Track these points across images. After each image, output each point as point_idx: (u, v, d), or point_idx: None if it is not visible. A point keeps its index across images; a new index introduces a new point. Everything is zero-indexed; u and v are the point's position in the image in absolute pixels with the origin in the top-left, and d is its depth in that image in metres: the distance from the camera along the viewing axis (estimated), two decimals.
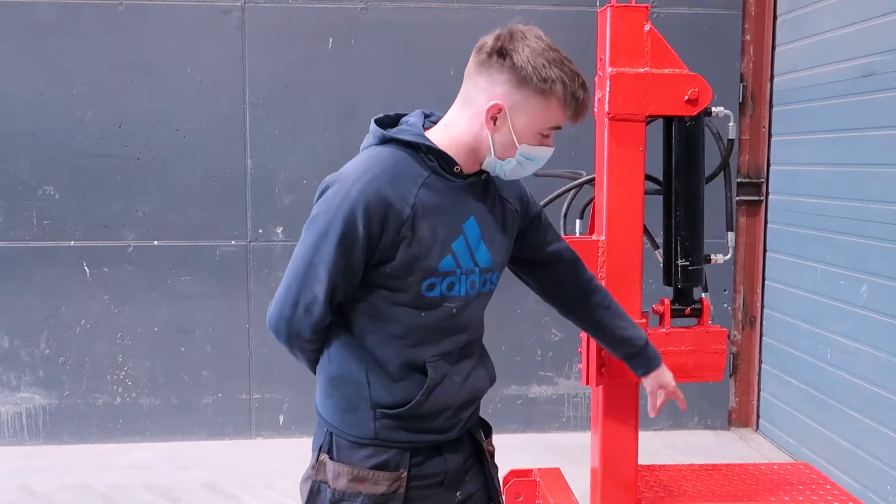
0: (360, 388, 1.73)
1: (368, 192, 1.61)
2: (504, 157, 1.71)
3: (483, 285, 1.80)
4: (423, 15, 4.56)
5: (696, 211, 2.00)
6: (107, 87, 4.47)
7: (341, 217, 1.62)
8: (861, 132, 3.79)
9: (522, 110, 1.66)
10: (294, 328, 1.73)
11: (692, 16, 4.65)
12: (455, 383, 1.76)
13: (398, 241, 1.63)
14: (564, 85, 1.65)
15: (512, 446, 4.59)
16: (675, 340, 2.01)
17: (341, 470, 1.74)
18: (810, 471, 2.32)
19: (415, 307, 1.69)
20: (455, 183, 1.71)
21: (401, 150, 1.71)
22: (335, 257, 1.63)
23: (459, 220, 1.72)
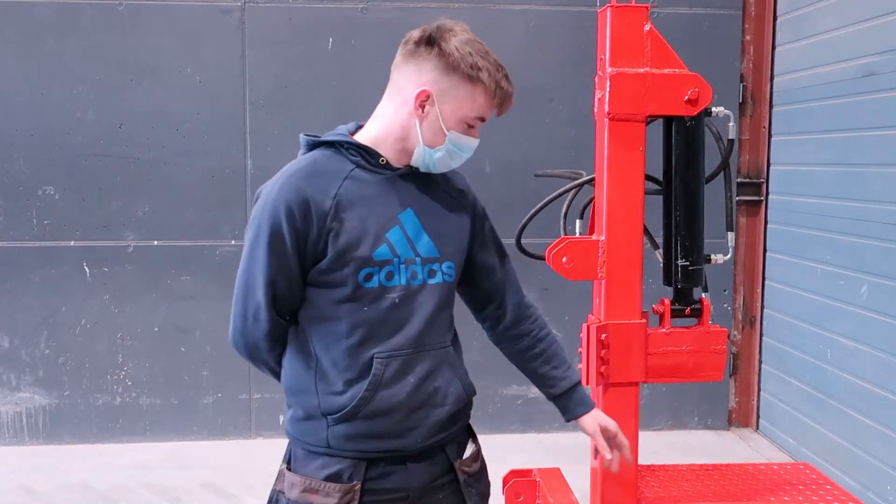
0: (311, 395, 1.73)
1: (287, 190, 1.66)
2: (433, 145, 1.72)
3: (430, 276, 1.76)
4: (423, 15, 4.55)
5: (696, 211, 2.00)
6: (107, 87, 4.47)
7: (267, 219, 1.66)
8: (861, 132, 3.79)
9: (450, 97, 1.69)
10: (249, 339, 1.75)
11: (692, 16, 4.65)
12: (408, 383, 1.72)
13: (325, 233, 1.66)
14: (490, 73, 1.68)
15: (512, 446, 4.61)
16: (675, 340, 2.01)
17: (295, 480, 1.74)
18: (810, 471, 2.32)
19: (355, 300, 1.69)
20: (383, 175, 1.74)
21: (324, 151, 1.75)
22: (268, 260, 1.67)
23: (394, 211, 1.73)
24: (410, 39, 1.75)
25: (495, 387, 4.80)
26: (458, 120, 1.71)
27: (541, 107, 4.67)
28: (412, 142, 1.73)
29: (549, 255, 1.97)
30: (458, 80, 1.68)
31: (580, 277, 1.98)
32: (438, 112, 1.70)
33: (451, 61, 1.68)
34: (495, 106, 1.73)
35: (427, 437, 1.76)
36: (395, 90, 1.75)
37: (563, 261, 1.96)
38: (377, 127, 1.77)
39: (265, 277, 1.68)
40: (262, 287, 1.68)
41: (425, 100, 1.69)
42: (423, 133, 1.72)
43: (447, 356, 1.80)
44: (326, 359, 1.72)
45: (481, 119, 1.75)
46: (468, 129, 1.74)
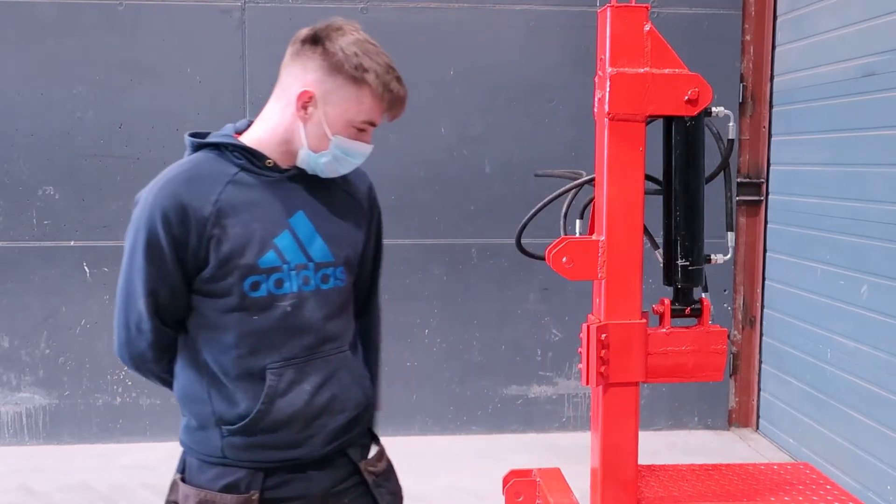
0: (204, 404, 1.67)
1: (163, 196, 1.59)
2: (318, 149, 1.64)
3: (324, 281, 1.70)
4: (423, 15, 4.56)
5: (696, 211, 2.00)
6: (107, 87, 4.47)
7: (143, 228, 1.60)
8: (861, 132, 3.79)
9: (335, 99, 1.61)
10: (134, 350, 1.70)
11: (692, 16, 4.65)
12: (304, 392, 1.66)
13: (205, 241, 1.59)
14: (377, 75, 1.61)
15: (512, 446, 4.61)
16: (675, 340, 2.01)
17: (189, 492, 1.67)
18: (810, 471, 2.31)
19: (243, 310, 1.62)
20: (271, 178, 1.66)
21: (207, 154, 1.67)
22: (147, 268, 1.61)
23: (283, 215, 1.66)
24: (298, 38, 1.66)
25: (495, 387, 4.81)
26: (343, 124, 1.63)
27: (541, 107, 4.67)
28: (296, 144, 1.66)
29: (548, 255, 1.97)
30: (342, 81, 1.60)
31: (580, 277, 1.98)
32: (322, 114, 1.62)
33: (336, 61, 1.60)
34: (385, 109, 1.65)
35: (326, 444, 1.72)
36: (281, 90, 1.67)
37: (563, 261, 1.96)
38: (263, 128, 1.69)
39: (145, 287, 1.62)
40: (143, 297, 1.63)
41: (308, 101, 1.61)
42: (307, 136, 1.64)
43: (345, 361, 1.75)
44: (217, 368, 1.66)
45: (371, 123, 1.66)
46: (358, 133, 1.66)
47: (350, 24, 1.67)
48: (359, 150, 1.68)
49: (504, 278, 4.74)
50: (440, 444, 4.62)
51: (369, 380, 1.83)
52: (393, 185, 4.64)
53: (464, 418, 4.80)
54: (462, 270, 4.73)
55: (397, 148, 4.60)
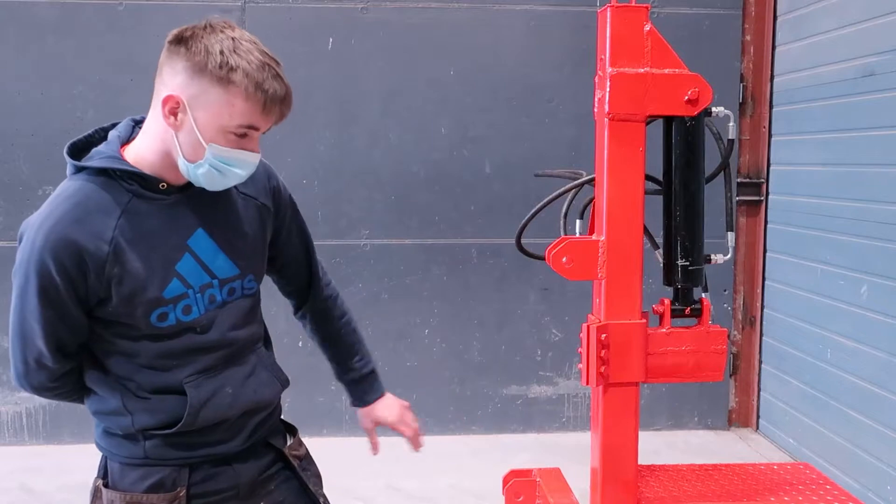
0: (123, 417, 1.63)
1: (53, 239, 1.47)
2: (193, 159, 1.50)
3: (230, 294, 1.66)
4: (423, 15, 4.56)
5: (696, 211, 2.00)
6: (107, 87, 4.47)
7: (34, 271, 1.49)
8: (861, 132, 3.79)
9: (202, 103, 1.47)
10: (36, 382, 1.63)
11: (692, 16, 4.65)
12: (226, 395, 1.65)
13: (106, 281, 1.51)
14: (247, 74, 1.46)
15: (512, 446, 4.61)
16: (675, 340, 2.01)
17: (114, 497, 1.64)
18: (810, 471, 2.31)
19: (153, 339, 1.58)
20: (166, 200, 1.56)
21: (93, 179, 1.54)
22: (42, 311, 1.52)
23: (182, 238, 1.57)
24: (168, 37, 1.56)
25: (495, 387, 4.81)
26: (217, 129, 1.49)
27: (541, 107, 4.67)
28: (174, 156, 1.53)
29: (548, 255, 1.97)
30: (207, 82, 1.47)
31: (580, 277, 1.98)
32: (192, 121, 1.48)
33: (198, 61, 1.47)
34: (260, 111, 1.49)
35: (249, 438, 1.72)
36: (155, 97, 1.55)
37: (563, 261, 1.96)
38: (145, 142, 1.57)
39: (43, 329, 1.54)
40: (42, 338, 1.54)
41: (175, 107, 1.49)
42: (181, 146, 1.50)
43: (259, 358, 1.75)
44: (133, 386, 1.62)
45: (251, 127, 1.51)
46: (238, 140, 1.51)
47: (225, 22, 1.55)
48: (241, 157, 1.53)
49: (504, 278, 4.74)
50: (440, 444, 4.62)
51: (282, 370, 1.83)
52: (393, 185, 4.64)
53: (464, 418, 4.80)
54: (462, 270, 4.73)
55: (397, 148, 4.60)
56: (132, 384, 1.62)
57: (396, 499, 3.83)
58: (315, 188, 4.58)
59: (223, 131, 1.49)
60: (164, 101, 1.49)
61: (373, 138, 4.55)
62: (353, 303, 5.25)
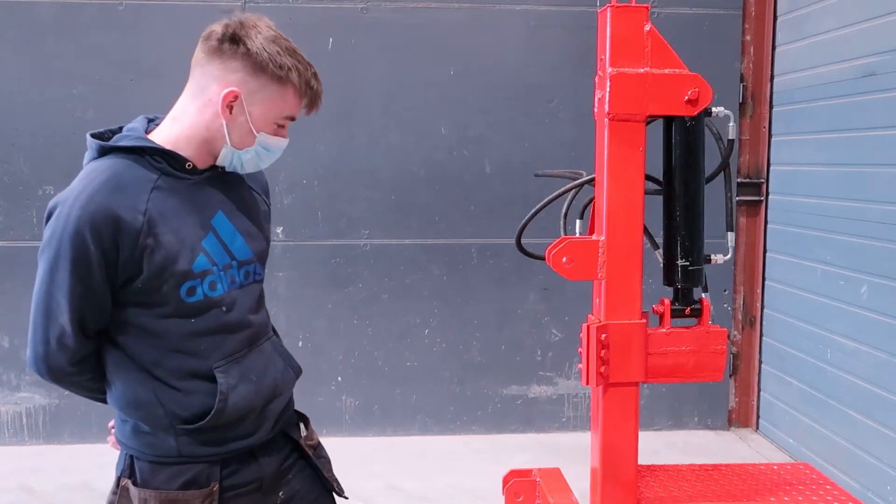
0: (154, 408, 1.65)
1: (92, 209, 1.53)
2: (242, 146, 1.66)
3: (245, 278, 1.74)
4: (423, 15, 4.56)
5: (696, 211, 2.00)
6: (107, 87, 4.47)
7: (69, 242, 1.53)
8: (861, 132, 3.79)
9: (259, 98, 1.63)
10: (53, 365, 1.65)
11: (692, 16, 4.65)
12: (252, 382, 1.71)
13: (139, 252, 1.56)
14: (300, 73, 1.65)
15: (512, 446, 4.61)
16: (675, 340, 2.01)
17: (148, 496, 1.67)
18: (810, 471, 2.31)
19: (181, 316, 1.62)
20: (191, 180, 1.66)
21: (123, 159, 1.61)
22: (72, 284, 1.55)
23: (206, 217, 1.67)
24: (213, 35, 1.65)
25: (495, 387, 4.81)
26: (267, 121, 1.66)
27: (541, 107, 4.67)
28: (218, 143, 1.65)
29: (548, 255, 1.97)
30: (266, 80, 1.62)
31: (580, 277, 1.98)
32: (248, 113, 1.63)
33: (259, 61, 1.61)
34: (305, 105, 1.69)
35: (272, 428, 1.79)
36: (199, 89, 1.65)
37: (563, 261, 1.96)
38: (179, 128, 1.67)
39: (70, 303, 1.57)
40: (68, 313, 1.58)
41: (233, 101, 1.62)
42: (230, 135, 1.64)
43: (274, 345, 1.83)
44: (161, 373, 1.64)
45: (291, 118, 1.71)
46: (277, 129, 1.70)
47: (262, 19, 1.71)
48: (279, 144, 1.72)
49: (504, 278, 4.74)
50: (440, 444, 4.62)
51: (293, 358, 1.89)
52: (393, 185, 4.64)
53: (464, 418, 4.80)
54: (462, 270, 4.73)
55: (397, 148, 4.60)
56: (160, 371, 1.64)
57: (396, 499, 3.83)
58: (315, 188, 4.58)
59: (271, 122, 1.67)
60: (224, 97, 1.60)
61: (373, 138, 4.55)
62: (354, 303, 5.27)
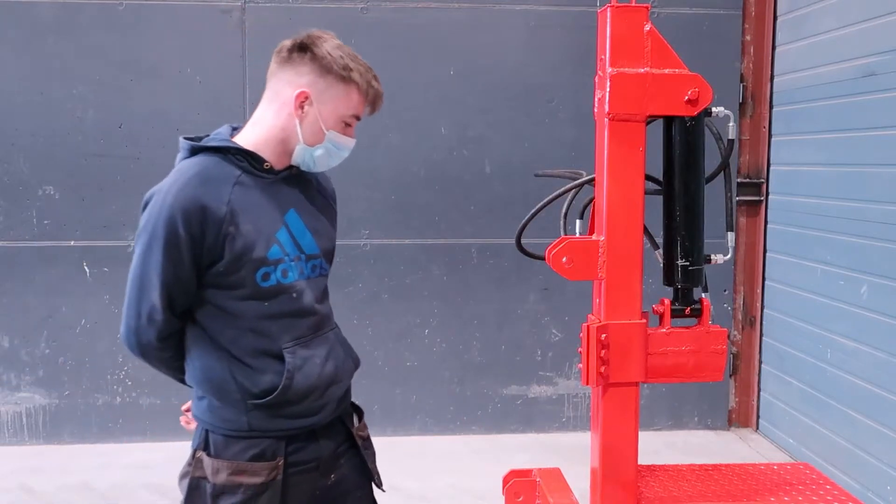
0: (227, 382, 1.83)
1: (182, 198, 1.74)
2: (313, 143, 1.86)
3: (312, 271, 1.92)
4: (423, 15, 4.56)
5: (696, 211, 2.00)
6: (107, 87, 4.48)
7: (162, 227, 1.74)
8: (861, 132, 3.79)
9: (327, 97, 1.83)
10: (142, 338, 1.84)
11: (692, 16, 4.66)
12: (315, 365, 1.87)
13: (222, 238, 1.76)
14: (361, 74, 1.84)
15: (512, 446, 4.61)
16: (675, 340, 2.01)
17: (220, 466, 1.83)
18: (810, 471, 2.31)
19: (257, 299, 1.81)
20: (267, 179, 1.86)
21: (210, 157, 1.83)
22: (164, 264, 1.75)
23: (280, 213, 1.86)
24: (283, 48, 1.86)
25: (495, 387, 4.81)
26: (335, 119, 1.86)
27: (541, 107, 4.67)
28: (293, 142, 1.86)
29: (548, 254, 1.97)
30: (332, 80, 1.83)
31: (580, 277, 1.98)
32: (317, 112, 1.83)
33: (325, 63, 1.81)
34: (368, 104, 1.88)
35: (333, 412, 1.94)
36: (274, 95, 1.86)
37: (563, 261, 1.96)
38: (258, 132, 1.87)
39: (161, 280, 1.76)
40: (158, 289, 1.77)
41: (304, 100, 1.82)
42: (303, 133, 1.85)
43: (337, 337, 1.99)
44: (237, 351, 1.83)
45: (356, 117, 1.89)
46: (345, 128, 1.89)
47: (328, 33, 1.88)
48: (347, 143, 1.91)
49: (504, 278, 4.74)
50: (440, 444, 4.62)
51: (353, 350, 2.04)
52: (393, 185, 4.64)
53: (464, 418, 4.80)
54: (462, 270, 4.73)
55: (397, 148, 4.61)
56: (236, 349, 1.82)
57: (396, 499, 3.82)
58: None
59: (339, 120, 1.86)
60: (296, 97, 1.81)
61: (373, 138, 4.54)
62: (353, 303, 5.27)
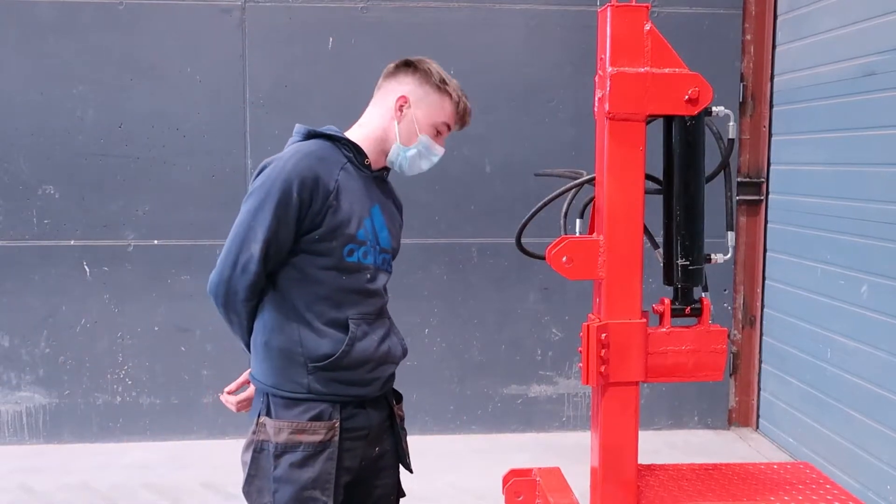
0: (294, 344, 2.01)
1: (301, 166, 1.96)
2: (408, 143, 2.12)
3: (382, 263, 2.14)
4: (423, 14, 4.56)
5: (697, 210, 2.00)
6: (107, 87, 4.48)
7: (279, 187, 1.95)
8: (861, 132, 3.79)
9: (424, 104, 2.10)
10: (232, 287, 2.01)
11: (692, 15, 4.66)
12: (373, 341, 2.07)
13: (325, 208, 1.98)
14: (455, 89, 2.13)
15: (512, 446, 4.61)
16: (675, 340, 2.01)
17: (282, 425, 2.00)
18: (810, 470, 2.31)
19: (338, 270, 2.01)
20: (364, 173, 2.10)
21: (323, 142, 2.07)
22: (271, 221, 1.95)
23: (369, 205, 2.09)
24: (391, 65, 2.16)
25: (495, 386, 4.81)
26: (429, 124, 2.12)
27: (541, 106, 4.67)
28: (390, 142, 2.12)
29: (549, 254, 1.97)
30: (430, 89, 2.10)
31: (580, 277, 1.98)
32: (413, 115, 2.10)
33: (425, 76, 2.10)
34: (458, 117, 2.15)
35: (382, 387, 2.15)
36: (381, 100, 2.15)
37: (563, 260, 1.96)
38: (363, 132, 2.14)
39: (265, 235, 1.95)
40: (261, 242, 1.96)
41: (403, 104, 2.10)
42: (399, 133, 2.11)
43: (392, 324, 2.20)
44: (309, 314, 2.01)
45: (447, 126, 2.15)
46: (437, 135, 2.15)
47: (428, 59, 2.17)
48: (436, 150, 2.18)
49: (504, 278, 4.74)
50: (440, 443, 4.62)
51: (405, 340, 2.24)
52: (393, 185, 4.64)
53: (464, 418, 4.80)
54: (462, 270, 4.73)
55: None
56: (309, 314, 2.01)
57: None
58: None
59: (432, 126, 2.13)
60: (397, 100, 2.10)
61: None
62: None
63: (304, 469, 1.98)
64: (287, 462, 1.99)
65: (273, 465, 2.00)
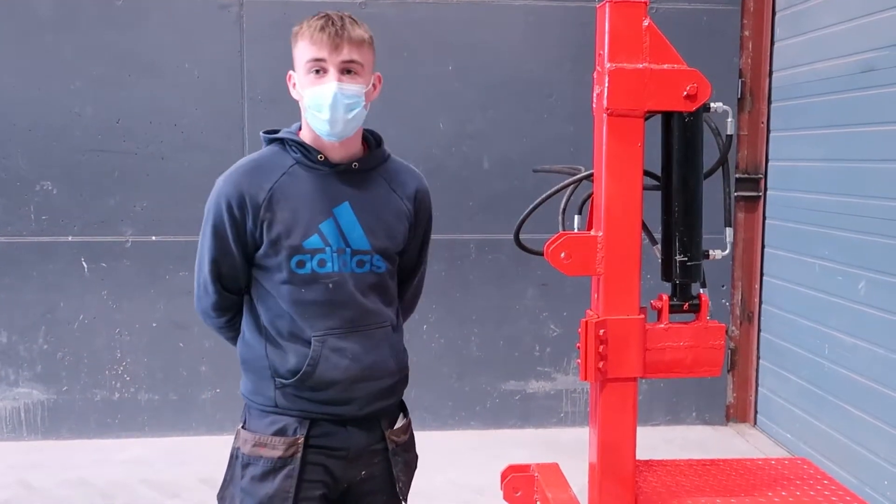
0: (261, 359, 1.98)
1: (228, 185, 1.93)
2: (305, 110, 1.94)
3: (360, 266, 1.97)
4: (421, 10, 4.55)
5: (695, 207, 2.00)
6: (105, 83, 4.47)
7: (211, 209, 1.96)
8: (860, 128, 3.79)
9: (296, 64, 1.96)
10: (202, 307, 2.06)
11: (691, 11, 4.65)
12: (346, 358, 1.94)
13: (259, 224, 1.91)
14: (307, 24, 1.92)
15: (510, 442, 4.62)
16: (674, 336, 2.01)
17: (248, 437, 1.99)
18: (808, 466, 2.32)
19: (293, 284, 1.92)
20: (321, 171, 1.95)
21: (274, 147, 2.00)
22: (212, 243, 1.96)
23: (328, 205, 1.93)
24: None
25: (493, 382, 4.81)
26: (303, 75, 1.92)
27: (539, 102, 4.66)
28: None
29: (547, 250, 1.96)
30: (293, 47, 1.96)
31: (578, 273, 1.98)
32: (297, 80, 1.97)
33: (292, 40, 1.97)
34: (315, 42, 1.88)
35: (365, 406, 2.00)
36: None
37: (561, 256, 1.96)
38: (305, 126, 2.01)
39: (209, 257, 1.97)
40: (207, 265, 1.98)
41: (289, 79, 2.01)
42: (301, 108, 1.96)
43: (386, 335, 2.03)
44: (273, 330, 1.96)
45: (318, 60, 1.89)
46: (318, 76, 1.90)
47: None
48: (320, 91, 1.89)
49: (503, 274, 4.74)
50: (438, 439, 4.62)
51: (406, 355, 2.11)
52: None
53: (462, 413, 4.80)
54: (461, 266, 4.73)
55: (396, 143, 4.57)
56: (273, 329, 1.96)
57: None
58: None
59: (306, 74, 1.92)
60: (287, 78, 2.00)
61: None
62: None
63: (263, 484, 1.95)
64: (250, 474, 1.97)
65: (241, 475, 1.99)
